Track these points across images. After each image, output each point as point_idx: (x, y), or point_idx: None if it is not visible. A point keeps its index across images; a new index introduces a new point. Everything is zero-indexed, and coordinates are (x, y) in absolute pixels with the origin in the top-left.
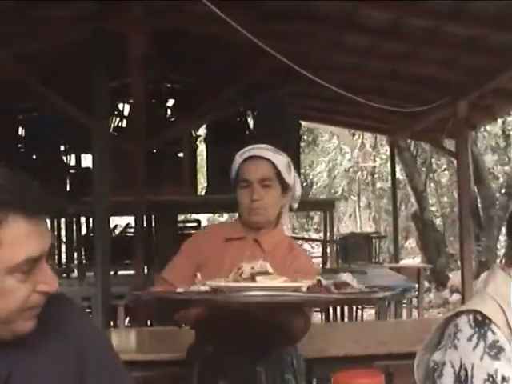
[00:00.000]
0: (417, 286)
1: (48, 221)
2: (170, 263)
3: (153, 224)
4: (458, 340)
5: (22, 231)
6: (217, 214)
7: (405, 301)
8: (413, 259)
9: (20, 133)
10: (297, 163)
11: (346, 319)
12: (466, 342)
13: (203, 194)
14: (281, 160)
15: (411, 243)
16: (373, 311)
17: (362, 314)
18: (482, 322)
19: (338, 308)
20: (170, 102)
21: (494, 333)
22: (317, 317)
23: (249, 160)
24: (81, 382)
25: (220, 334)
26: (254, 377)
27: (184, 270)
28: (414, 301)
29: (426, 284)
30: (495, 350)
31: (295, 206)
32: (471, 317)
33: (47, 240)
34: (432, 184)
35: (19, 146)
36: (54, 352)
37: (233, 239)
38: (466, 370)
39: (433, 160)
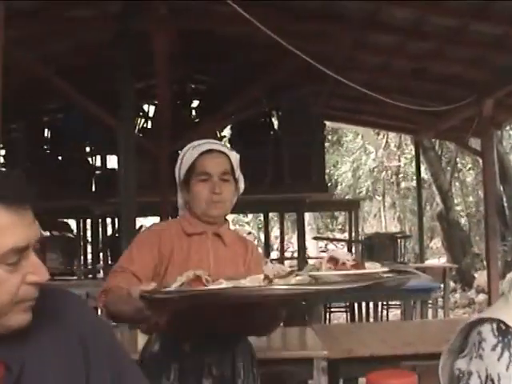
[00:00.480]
0: (442, 286)
1: (73, 221)
2: (127, 254)
3: None
4: (482, 350)
5: (3, 220)
6: (241, 214)
7: (430, 301)
8: (438, 259)
9: (46, 134)
10: (321, 163)
11: (371, 319)
12: (490, 351)
13: None
14: (235, 156)
15: (436, 243)
16: (398, 311)
17: (387, 314)
18: (505, 331)
19: (364, 308)
20: (195, 103)
21: None
22: (342, 317)
23: (208, 153)
24: (86, 368)
25: (197, 332)
26: (234, 372)
27: (147, 263)
28: (440, 301)
29: (452, 284)
30: None
31: (233, 202)
32: (495, 325)
33: (34, 231)
34: (457, 183)
35: (45, 147)
36: (58, 343)
37: (194, 234)
38: (492, 381)
39: (458, 159)
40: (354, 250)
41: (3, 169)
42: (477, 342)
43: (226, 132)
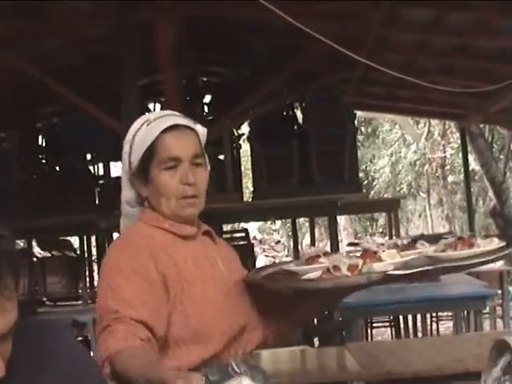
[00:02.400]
0: (500, 292)
1: (76, 239)
2: (112, 293)
3: None
4: None
5: None
6: (268, 222)
7: (487, 310)
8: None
9: (40, 142)
10: (354, 159)
11: (419, 334)
12: None
13: (250, 199)
14: (202, 130)
15: None
16: (450, 323)
17: (437, 327)
18: None
19: (410, 322)
20: (207, 98)
21: None
22: (386, 332)
23: (173, 130)
24: None
25: None
26: None
27: (159, 308)
28: (498, 310)
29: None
30: None
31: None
32: None
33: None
34: None
35: (40, 156)
36: (45, 381)
37: (190, 236)
38: None
39: None
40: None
41: None
42: None
43: (245, 129)
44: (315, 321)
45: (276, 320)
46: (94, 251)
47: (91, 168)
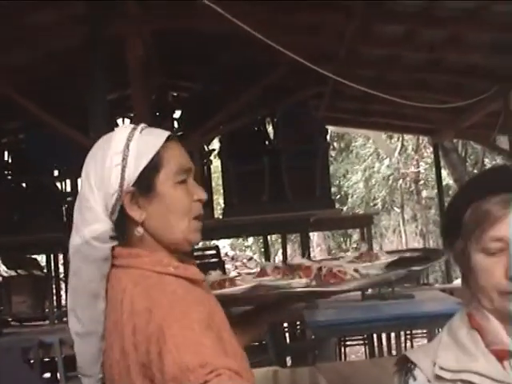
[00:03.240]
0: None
1: (43, 257)
2: (208, 343)
3: None
4: None
5: None
6: (240, 239)
7: None
8: None
9: (6, 158)
10: (326, 175)
11: (393, 352)
12: None
13: (221, 216)
14: None
15: None
16: (425, 341)
17: (412, 344)
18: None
19: (384, 339)
20: (177, 114)
21: (415, 379)
22: (360, 350)
23: (173, 141)
24: None
25: None
26: None
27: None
28: None
29: None
30: None
31: None
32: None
33: None
34: None
35: (5, 172)
36: None
37: (197, 282)
38: None
39: (486, 160)
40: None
41: None
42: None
43: (215, 145)
44: (287, 340)
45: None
46: (61, 269)
47: (58, 185)
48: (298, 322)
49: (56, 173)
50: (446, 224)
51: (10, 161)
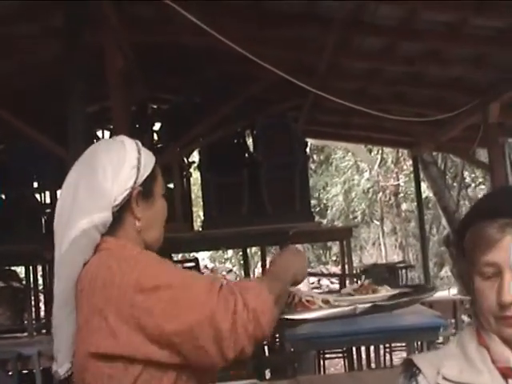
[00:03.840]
0: (453, 321)
1: (22, 269)
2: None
3: None
4: None
5: None
6: (219, 251)
7: (440, 340)
8: (448, 290)
9: None
10: (305, 188)
11: (372, 365)
12: None
13: (200, 228)
14: None
15: (447, 271)
16: (404, 354)
17: (390, 357)
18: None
19: (363, 352)
20: (157, 126)
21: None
22: (339, 363)
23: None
24: None
25: None
26: None
27: None
28: None
29: (466, 319)
30: None
31: None
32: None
33: None
34: (466, 202)
35: None
36: None
37: None
38: None
39: (465, 173)
40: (348, 285)
41: None
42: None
43: (195, 157)
44: (266, 353)
45: None
46: (40, 281)
47: (37, 196)
48: (276, 335)
49: (35, 184)
50: (453, 243)
51: None
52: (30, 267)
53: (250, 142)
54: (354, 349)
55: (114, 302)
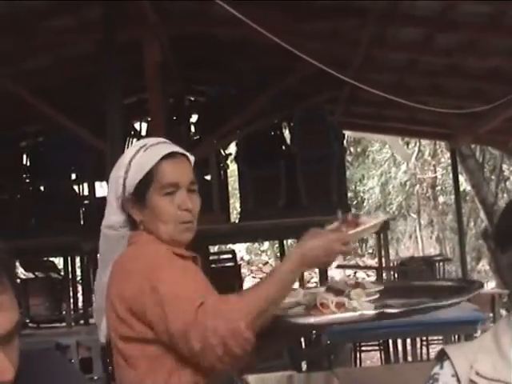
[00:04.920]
0: (491, 315)
1: (60, 260)
2: (199, 284)
3: None
4: None
5: None
6: (256, 243)
7: (478, 334)
8: (486, 284)
9: (24, 161)
10: (342, 180)
11: (409, 358)
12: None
13: (237, 220)
14: (192, 159)
15: (485, 265)
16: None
17: (427, 351)
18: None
19: (400, 345)
20: (194, 118)
21: (441, 367)
22: (375, 356)
23: (171, 158)
24: None
25: None
26: None
27: None
28: None
29: (504, 312)
30: (431, 381)
31: None
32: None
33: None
34: (505, 195)
35: (24, 176)
36: None
37: (186, 258)
38: None
39: (504, 166)
40: (385, 278)
41: None
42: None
43: (232, 149)
44: (303, 345)
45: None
46: (78, 272)
47: (76, 188)
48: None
49: (73, 176)
50: (503, 230)
51: (28, 164)
52: (68, 258)
53: (286, 134)
54: (390, 341)
55: (122, 294)
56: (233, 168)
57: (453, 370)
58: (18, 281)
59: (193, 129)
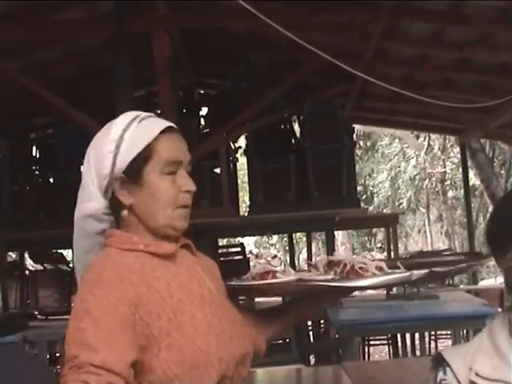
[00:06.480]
0: (500, 310)
1: (69, 252)
2: (92, 335)
3: None
4: None
5: None
6: (265, 237)
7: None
8: (495, 279)
9: (34, 153)
10: (352, 174)
11: (417, 352)
12: None
13: (247, 213)
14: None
15: (493, 259)
16: (449, 342)
17: (436, 345)
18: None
19: (408, 340)
20: (204, 111)
21: (445, 373)
22: (384, 350)
23: (170, 132)
24: None
25: None
26: None
27: (127, 352)
28: None
29: None
30: None
31: None
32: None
33: None
34: None
35: (34, 168)
36: None
37: (168, 256)
38: None
39: None
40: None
41: None
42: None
43: (241, 142)
44: (311, 338)
45: (267, 326)
46: None
47: None
48: (321, 321)
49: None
50: (500, 229)
51: (37, 156)
52: None
53: (296, 127)
54: (398, 336)
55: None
56: (242, 161)
57: (454, 378)
58: (27, 273)
59: (203, 122)
